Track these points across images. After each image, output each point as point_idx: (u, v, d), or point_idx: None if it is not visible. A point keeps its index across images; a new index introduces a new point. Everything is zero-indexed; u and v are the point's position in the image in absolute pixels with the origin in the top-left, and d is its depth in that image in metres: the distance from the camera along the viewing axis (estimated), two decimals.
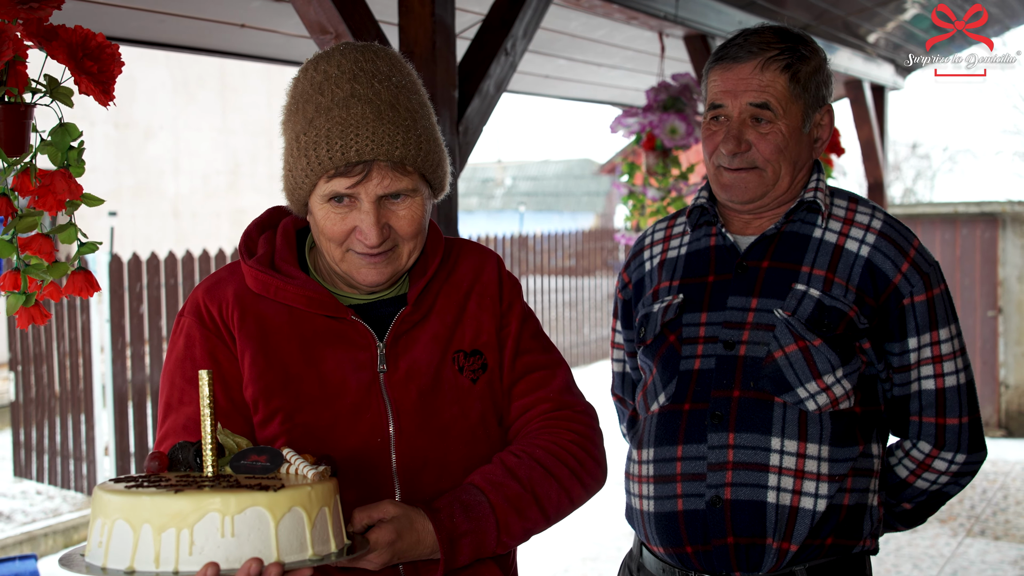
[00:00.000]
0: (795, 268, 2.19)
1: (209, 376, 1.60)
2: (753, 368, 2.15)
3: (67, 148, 2.00)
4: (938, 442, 2.22)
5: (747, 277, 2.22)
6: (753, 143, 2.17)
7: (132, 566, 1.48)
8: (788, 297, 2.16)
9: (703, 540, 2.17)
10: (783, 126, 2.17)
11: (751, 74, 2.16)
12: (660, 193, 4.87)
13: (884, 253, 2.18)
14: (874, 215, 2.24)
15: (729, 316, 2.20)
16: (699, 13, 4.80)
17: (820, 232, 2.22)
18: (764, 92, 2.15)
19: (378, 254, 1.79)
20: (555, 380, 1.98)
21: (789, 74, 2.16)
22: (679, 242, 2.37)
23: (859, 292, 2.16)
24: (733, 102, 2.18)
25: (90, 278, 2.06)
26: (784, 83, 2.16)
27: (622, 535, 6.74)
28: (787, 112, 2.17)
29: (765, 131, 2.17)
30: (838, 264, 2.18)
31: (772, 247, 2.23)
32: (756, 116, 2.17)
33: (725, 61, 2.20)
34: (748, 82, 2.16)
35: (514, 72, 3.63)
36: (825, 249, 2.20)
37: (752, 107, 2.16)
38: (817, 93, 2.21)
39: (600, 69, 5.79)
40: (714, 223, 2.31)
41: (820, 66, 2.22)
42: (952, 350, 2.20)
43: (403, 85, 1.81)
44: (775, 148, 2.17)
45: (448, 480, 1.85)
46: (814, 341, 2.13)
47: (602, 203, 32.85)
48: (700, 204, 2.33)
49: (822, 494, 2.13)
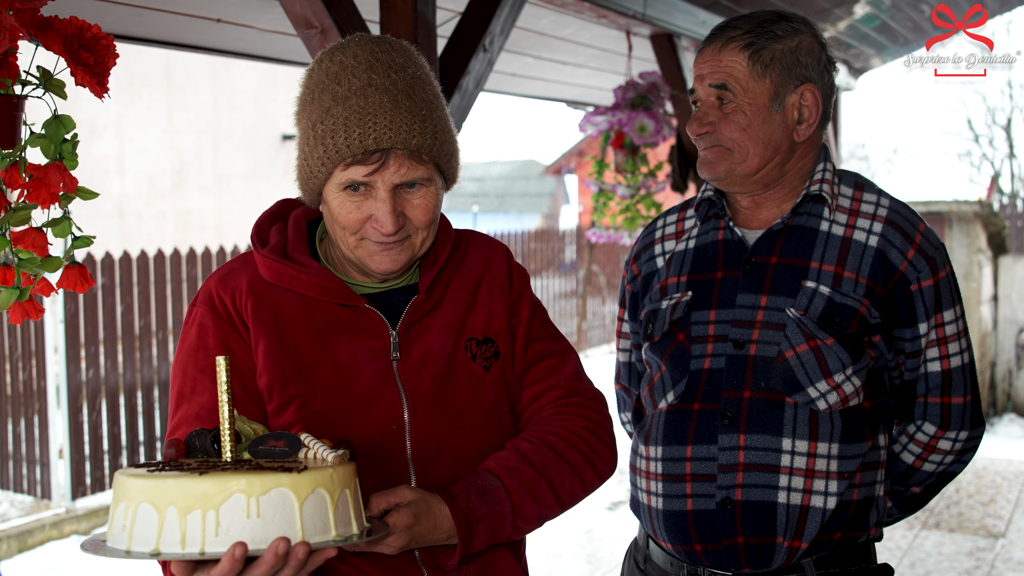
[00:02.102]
0: (804, 264, 2.18)
1: (227, 362, 1.60)
2: (764, 368, 2.15)
3: (61, 140, 1.99)
4: (943, 422, 2.25)
5: (755, 274, 2.21)
6: (717, 123, 2.18)
7: (158, 548, 1.48)
8: (799, 295, 2.15)
9: (713, 540, 2.17)
10: (746, 106, 2.16)
11: (712, 56, 2.20)
12: (630, 191, 4.91)
13: (891, 241, 2.17)
14: (879, 202, 2.22)
15: (738, 314, 2.19)
16: (666, 12, 4.85)
17: (827, 225, 2.20)
18: (721, 72, 2.17)
19: (393, 242, 1.81)
20: (565, 367, 2.01)
21: (748, 53, 2.16)
22: (688, 235, 2.36)
23: (869, 284, 2.15)
24: (700, 86, 2.21)
25: (84, 273, 2.04)
26: (743, 62, 2.16)
27: (618, 516, 6.80)
28: (748, 91, 2.16)
29: (727, 111, 2.17)
30: (847, 257, 2.16)
31: (779, 242, 2.21)
32: (719, 97, 2.18)
33: (698, 52, 2.26)
34: (710, 64, 2.20)
35: (492, 69, 3.65)
36: (833, 242, 2.18)
37: (713, 88, 2.18)
38: (792, 72, 2.18)
39: (566, 68, 5.83)
40: (722, 216, 2.30)
41: (800, 45, 2.19)
42: (957, 331, 2.21)
43: (418, 76, 1.83)
44: (737, 127, 2.17)
45: (462, 466, 1.87)
46: (826, 340, 2.12)
47: (548, 204, 32.96)
48: (707, 197, 2.32)
49: (832, 492, 2.13)
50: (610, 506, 7.49)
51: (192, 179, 17.91)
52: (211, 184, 17.97)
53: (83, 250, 11.24)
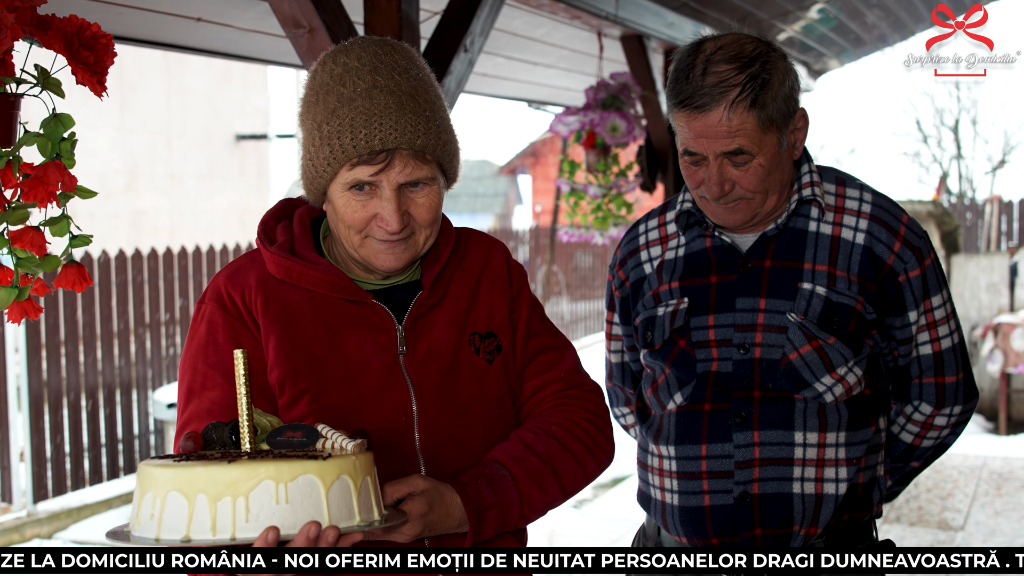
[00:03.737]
0: (798, 266, 2.23)
1: (244, 355, 1.64)
2: (770, 369, 2.21)
3: (59, 139, 1.99)
4: (939, 401, 2.33)
5: (752, 277, 2.25)
6: (736, 180, 2.17)
7: (188, 535, 1.51)
8: (797, 298, 2.20)
9: (730, 533, 2.24)
10: (762, 159, 2.16)
11: (719, 122, 2.12)
12: (601, 190, 4.97)
13: (877, 237, 2.23)
14: (862, 197, 2.28)
15: (739, 318, 2.24)
16: (636, 14, 4.91)
17: (816, 225, 2.25)
18: (735, 138, 2.13)
19: (397, 240, 1.85)
20: (564, 361, 2.06)
21: (756, 108, 2.12)
22: (675, 243, 2.38)
23: (861, 280, 2.21)
24: (707, 148, 2.16)
25: (83, 271, 2.02)
26: (753, 121, 2.12)
27: (584, 515, 6.85)
28: (762, 146, 2.15)
29: (744, 169, 2.16)
30: (838, 256, 2.22)
31: (772, 246, 2.26)
32: (733, 160, 2.16)
33: (688, 109, 2.15)
34: (717, 130, 2.12)
35: (472, 69, 3.68)
36: (823, 242, 2.23)
37: (726, 155, 2.15)
38: (786, 108, 2.18)
39: (536, 68, 5.88)
40: (704, 223, 2.32)
41: (783, 79, 2.17)
42: (945, 314, 2.29)
43: (421, 78, 1.87)
44: (758, 180, 2.17)
45: (469, 457, 1.91)
46: (828, 339, 2.19)
47: (501, 204, 32.96)
48: (687, 209, 2.34)
49: (843, 478, 2.22)
50: (575, 504, 7.56)
51: (145, 179, 17.71)
52: (164, 184, 17.78)
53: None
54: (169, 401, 7.45)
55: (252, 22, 3.85)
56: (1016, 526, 6.81)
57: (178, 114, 17.50)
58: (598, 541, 6.63)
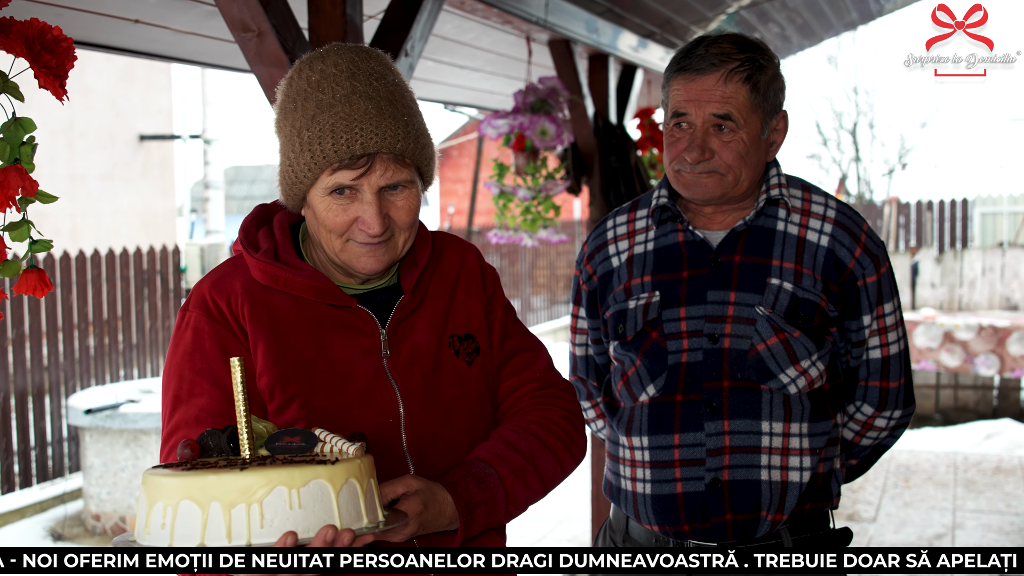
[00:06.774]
0: (766, 262, 2.34)
1: (241, 363, 1.66)
2: (738, 360, 2.32)
3: (19, 143, 1.99)
4: (880, 404, 2.47)
5: (722, 272, 2.36)
6: (716, 151, 2.28)
7: (203, 543, 1.53)
8: (766, 292, 2.32)
9: (701, 519, 2.35)
10: (744, 135, 2.28)
11: (714, 85, 2.26)
12: (531, 193, 5.04)
13: (840, 242, 2.36)
14: (827, 204, 2.41)
15: (710, 310, 2.35)
16: (565, 19, 4.99)
17: (783, 225, 2.37)
18: (727, 103, 2.26)
19: (378, 243, 1.89)
20: (539, 361, 2.13)
21: (750, 85, 2.26)
22: (644, 237, 2.47)
23: (824, 280, 2.34)
24: (696, 111, 2.28)
25: (43, 276, 2.02)
26: (746, 94, 2.26)
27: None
28: (748, 121, 2.28)
29: (727, 139, 2.28)
30: (803, 255, 2.34)
31: (741, 242, 2.37)
32: (719, 125, 2.27)
33: (688, 72, 2.30)
34: (711, 93, 2.26)
35: (412, 74, 3.71)
36: (790, 241, 2.36)
37: (715, 117, 2.27)
38: (774, 100, 2.33)
39: (463, 72, 5.92)
40: (678, 219, 2.43)
41: (776, 73, 2.33)
42: (895, 321, 2.43)
43: (396, 83, 1.92)
44: (737, 155, 2.29)
45: (454, 457, 1.96)
46: (794, 333, 2.31)
47: None
48: (663, 204, 2.44)
49: (806, 467, 2.34)
50: None
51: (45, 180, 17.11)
52: (65, 186, 17.35)
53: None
54: (85, 407, 7.29)
55: (190, 24, 3.83)
56: (925, 516, 7.08)
57: (79, 113, 17.07)
58: (523, 540, 6.69)
